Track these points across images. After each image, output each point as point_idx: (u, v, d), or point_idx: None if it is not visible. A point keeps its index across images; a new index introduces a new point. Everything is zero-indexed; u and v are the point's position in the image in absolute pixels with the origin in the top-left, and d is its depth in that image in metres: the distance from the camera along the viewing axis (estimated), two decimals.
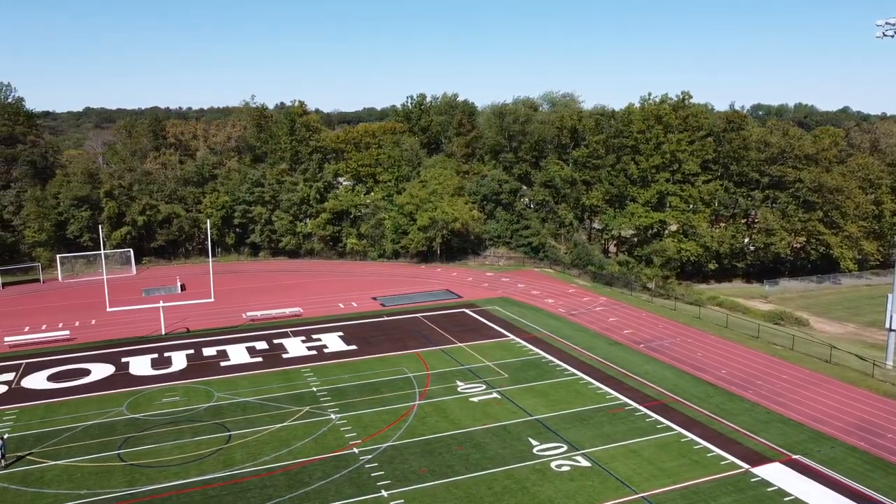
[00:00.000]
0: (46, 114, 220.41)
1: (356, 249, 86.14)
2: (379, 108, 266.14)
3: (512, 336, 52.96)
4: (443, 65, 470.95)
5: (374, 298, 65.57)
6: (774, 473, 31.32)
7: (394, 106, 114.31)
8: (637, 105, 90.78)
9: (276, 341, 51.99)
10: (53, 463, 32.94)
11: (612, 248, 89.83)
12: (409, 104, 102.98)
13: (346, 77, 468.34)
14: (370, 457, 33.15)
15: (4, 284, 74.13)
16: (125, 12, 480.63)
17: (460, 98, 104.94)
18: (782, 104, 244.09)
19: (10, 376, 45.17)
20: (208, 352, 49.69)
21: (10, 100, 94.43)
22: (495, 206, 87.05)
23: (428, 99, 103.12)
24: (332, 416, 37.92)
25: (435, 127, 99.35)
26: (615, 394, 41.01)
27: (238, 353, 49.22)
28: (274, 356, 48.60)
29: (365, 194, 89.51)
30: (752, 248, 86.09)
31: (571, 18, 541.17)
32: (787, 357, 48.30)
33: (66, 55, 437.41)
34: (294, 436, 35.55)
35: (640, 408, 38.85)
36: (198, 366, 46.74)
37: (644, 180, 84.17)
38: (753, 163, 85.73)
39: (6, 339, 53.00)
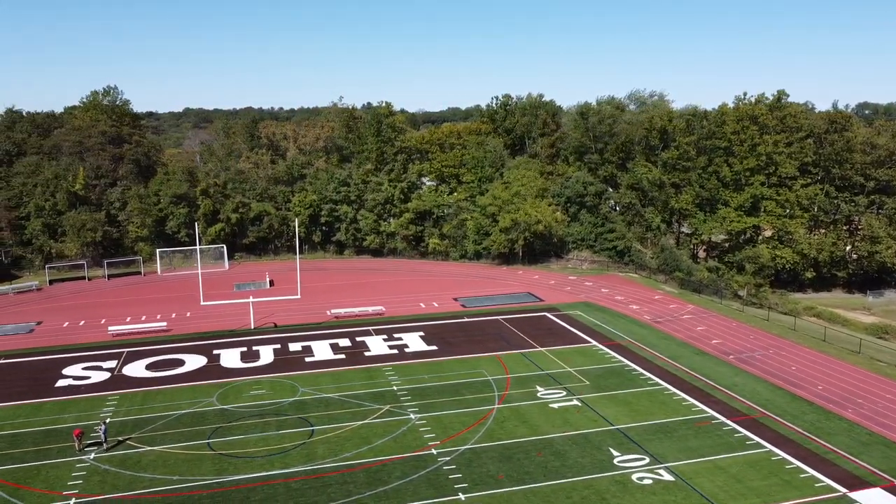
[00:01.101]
0: (150, 114, 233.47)
1: (438, 249, 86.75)
2: (463, 107, 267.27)
3: (594, 342, 51.98)
4: (528, 64, 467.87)
5: (455, 299, 65.82)
6: (875, 500, 29.42)
7: (478, 106, 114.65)
8: (731, 105, 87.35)
9: (358, 339, 53.00)
10: (149, 448, 34.71)
11: (702, 254, 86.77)
12: (493, 105, 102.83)
13: (432, 77, 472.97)
14: (448, 458, 33.27)
15: (110, 276, 78.86)
16: (222, 16, 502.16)
17: (545, 98, 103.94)
18: (892, 102, 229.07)
19: (112, 364, 47.96)
20: (294, 347, 51.19)
21: (117, 102, 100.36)
22: (579, 209, 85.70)
23: (513, 99, 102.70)
24: (412, 416, 38.29)
25: (519, 128, 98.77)
26: (701, 406, 39.56)
27: (322, 350, 50.47)
28: (356, 354, 49.56)
29: (448, 195, 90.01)
30: (854, 256, 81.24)
31: (660, 16, 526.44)
32: (891, 374, 45.26)
33: (169, 58, 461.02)
34: (374, 434, 36.10)
35: (728, 422, 37.31)
36: (284, 360, 48.24)
37: (737, 183, 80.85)
38: (858, 166, 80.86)
39: (110, 328, 56.35)
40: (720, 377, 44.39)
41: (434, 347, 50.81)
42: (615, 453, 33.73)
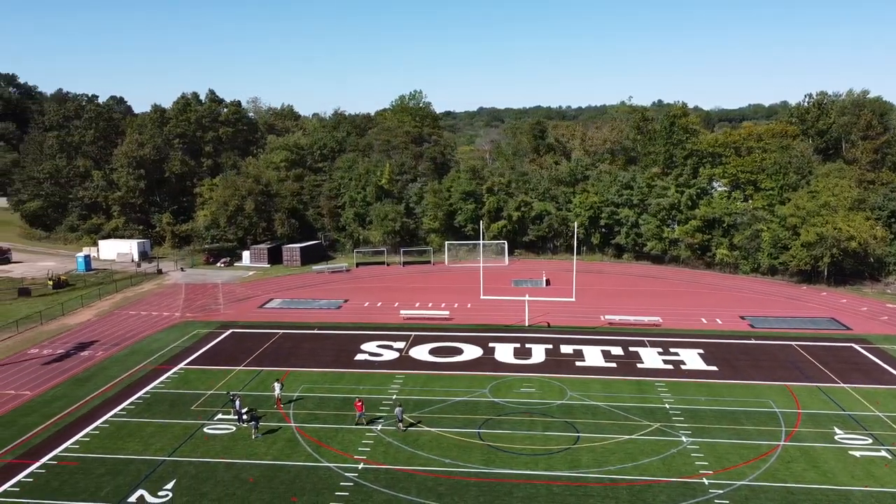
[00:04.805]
0: (447, 113, 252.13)
1: (726, 261, 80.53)
2: (766, 104, 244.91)
3: None
4: (850, 57, 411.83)
5: (742, 318, 60.52)
6: None
7: (784, 102, 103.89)
8: None
9: (631, 349, 51.43)
10: (427, 429, 37.47)
11: None
12: (805, 103, 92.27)
13: (731, 70, 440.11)
14: (721, 492, 30.71)
15: (404, 263, 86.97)
16: (515, 21, 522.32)
17: (871, 95, 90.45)
18: None
19: (401, 345, 52.77)
20: (565, 349, 51.39)
21: (420, 104, 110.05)
22: None
23: (828, 96, 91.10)
24: (684, 439, 36.10)
25: (836, 129, 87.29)
26: None
27: (593, 355, 49.93)
28: (628, 364, 48.13)
29: (742, 202, 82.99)
30: None
31: None
32: None
33: (466, 60, 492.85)
34: (641, 451, 34.75)
35: None
36: (554, 362, 48.67)
37: None
38: None
39: (402, 311, 62.04)
40: None
41: (714, 368, 47.30)
42: None
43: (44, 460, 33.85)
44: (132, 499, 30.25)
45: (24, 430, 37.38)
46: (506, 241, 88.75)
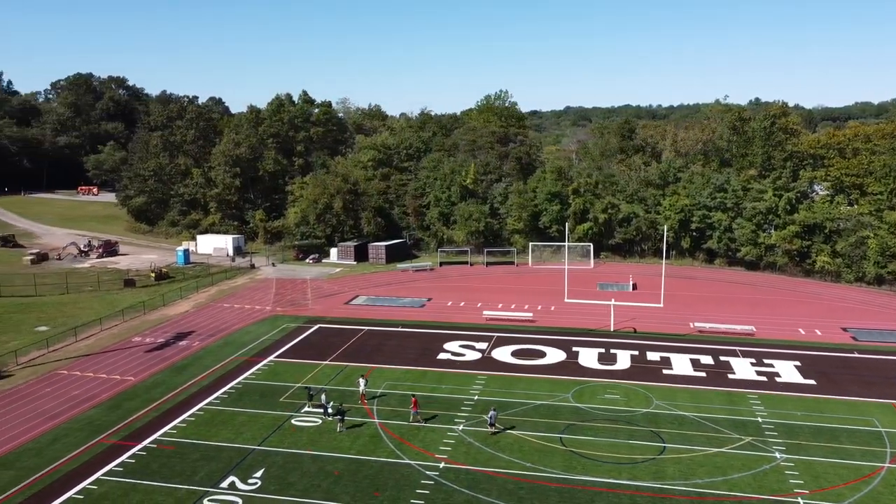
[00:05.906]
0: (533, 112, 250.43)
1: (828, 269, 76.24)
2: (876, 101, 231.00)
3: None
4: None
5: (845, 329, 57.19)
6: None
7: None
8: None
9: (722, 358, 49.52)
10: (508, 431, 37.31)
11: None
12: None
13: (835, 67, 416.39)
14: None
15: (488, 263, 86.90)
16: (603, 17, 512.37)
17: None
18: None
19: (483, 345, 52.76)
20: (652, 356, 50.04)
21: (506, 104, 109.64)
22: None
23: None
24: (777, 455, 34.47)
25: None
26: None
27: (681, 364, 48.39)
28: (718, 374, 46.37)
29: (846, 207, 78.41)
30: None
31: None
32: None
33: (553, 57, 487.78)
34: (731, 465, 33.43)
35: None
36: (640, 369, 47.49)
37: None
38: None
39: (484, 312, 62.03)
40: None
41: (811, 382, 44.91)
42: None
43: (144, 443, 35.86)
44: (224, 484, 31.60)
45: (128, 414, 39.73)
46: (591, 244, 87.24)
